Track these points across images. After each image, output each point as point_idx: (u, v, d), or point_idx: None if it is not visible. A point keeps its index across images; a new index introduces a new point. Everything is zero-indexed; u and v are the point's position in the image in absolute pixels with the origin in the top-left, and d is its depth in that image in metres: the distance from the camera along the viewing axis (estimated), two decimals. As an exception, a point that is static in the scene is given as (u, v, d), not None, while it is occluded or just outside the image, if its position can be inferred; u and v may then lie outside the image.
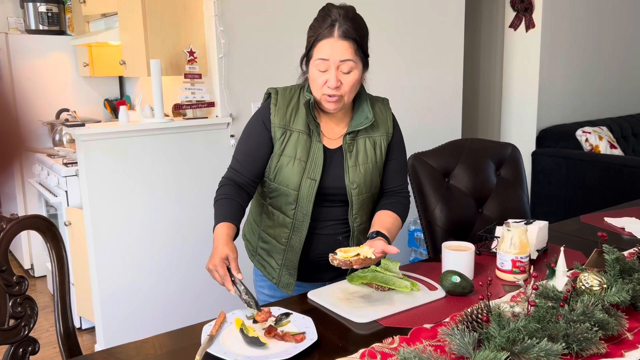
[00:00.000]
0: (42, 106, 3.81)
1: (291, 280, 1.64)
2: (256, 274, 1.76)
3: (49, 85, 3.88)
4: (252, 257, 1.74)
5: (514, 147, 2.28)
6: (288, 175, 1.55)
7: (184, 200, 2.74)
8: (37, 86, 3.83)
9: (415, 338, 1.23)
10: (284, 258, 1.63)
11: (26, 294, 1.34)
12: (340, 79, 1.47)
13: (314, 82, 1.51)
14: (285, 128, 1.55)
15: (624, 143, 4.42)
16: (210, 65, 2.80)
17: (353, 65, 1.48)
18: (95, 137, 2.50)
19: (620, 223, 2.08)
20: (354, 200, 1.58)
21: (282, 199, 1.59)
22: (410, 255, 3.64)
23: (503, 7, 4.34)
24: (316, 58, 1.47)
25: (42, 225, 1.38)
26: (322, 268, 1.64)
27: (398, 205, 1.65)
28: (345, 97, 1.51)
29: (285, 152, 1.55)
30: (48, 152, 3.50)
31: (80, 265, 2.96)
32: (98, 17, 3.43)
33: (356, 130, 1.58)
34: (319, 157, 1.55)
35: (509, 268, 1.56)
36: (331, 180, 1.57)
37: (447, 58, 3.65)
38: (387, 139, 1.64)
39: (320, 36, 1.46)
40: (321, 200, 1.58)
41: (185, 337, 1.31)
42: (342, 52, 1.45)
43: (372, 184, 1.62)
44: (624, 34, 4.83)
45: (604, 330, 1.17)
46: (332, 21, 1.46)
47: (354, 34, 1.46)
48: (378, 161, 1.62)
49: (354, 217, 1.61)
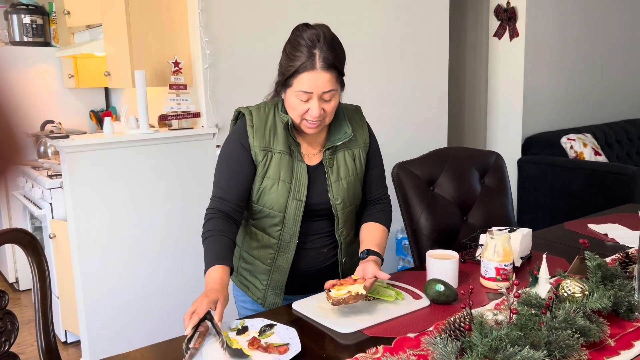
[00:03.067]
0: (27, 118, 3.79)
1: (277, 300, 1.62)
2: (236, 290, 1.73)
3: (34, 97, 3.86)
4: (234, 278, 1.69)
5: (498, 155, 2.30)
6: (273, 197, 1.52)
7: (170, 211, 2.73)
8: (22, 98, 3.81)
9: (399, 347, 1.23)
10: (269, 279, 1.61)
11: (6, 309, 1.32)
12: (322, 107, 1.45)
13: (294, 110, 1.47)
14: (267, 150, 1.52)
15: (608, 150, 4.47)
16: (196, 76, 2.80)
17: (334, 93, 1.46)
18: (80, 149, 2.49)
19: (604, 229, 2.09)
20: (339, 214, 1.58)
21: (266, 221, 1.57)
22: (398, 263, 3.65)
23: (487, 16, 4.38)
24: (298, 89, 1.43)
25: (23, 239, 1.37)
26: (308, 282, 1.62)
27: (382, 214, 1.66)
28: (326, 120, 1.50)
29: (267, 174, 1.52)
30: (33, 164, 3.47)
31: (65, 278, 2.94)
32: (83, 28, 3.43)
33: (335, 145, 1.57)
34: (302, 176, 1.53)
35: (493, 276, 1.57)
36: (316, 197, 1.56)
37: (432, 67, 3.68)
38: (365, 149, 1.63)
39: (302, 68, 1.41)
40: (307, 217, 1.56)
41: (169, 350, 1.30)
42: (324, 83, 1.42)
43: (355, 196, 1.62)
44: (608, 42, 4.90)
45: (586, 337, 1.18)
46: (309, 49, 1.41)
47: (334, 63, 1.43)
48: (359, 172, 1.61)
49: (340, 230, 1.60)
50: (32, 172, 3.31)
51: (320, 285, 1.51)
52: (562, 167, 3.93)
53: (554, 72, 4.51)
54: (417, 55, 3.59)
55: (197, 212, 2.82)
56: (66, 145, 2.46)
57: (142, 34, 2.67)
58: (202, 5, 2.69)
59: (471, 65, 4.58)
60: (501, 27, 4.27)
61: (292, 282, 1.63)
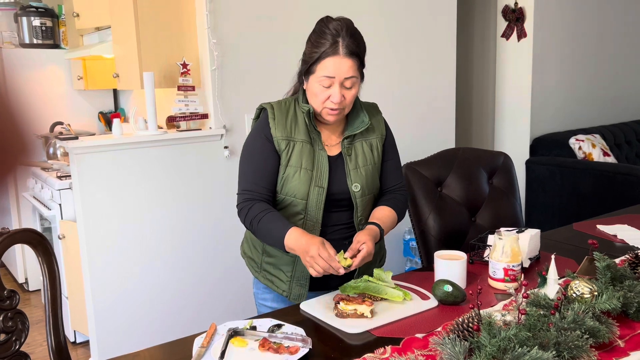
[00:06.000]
0: (36, 119, 3.81)
1: (303, 292, 1.64)
2: (257, 287, 1.75)
3: (43, 99, 3.89)
4: (257, 274, 1.72)
5: (506, 156, 2.29)
6: (295, 185, 1.57)
7: (178, 212, 2.74)
8: (32, 99, 3.84)
9: (407, 348, 1.23)
10: (293, 270, 1.63)
11: (17, 309, 1.33)
12: (343, 94, 1.52)
13: (316, 97, 1.54)
14: (289, 139, 1.58)
15: (617, 150, 4.44)
16: (204, 77, 2.81)
17: (355, 81, 1.54)
18: (89, 150, 2.50)
19: (613, 230, 2.08)
20: (358, 202, 1.62)
21: (288, 210, 1.60)
22: (406, 264, 3.64)
23: (495, 17, 4.37)
24: (321, 75, 1.51)
25: (33, 239, 1.38)
26: (330, 275, 1.63)
27: (394, 200, 1.70)
28: (345, 110, 1.57)
29: (290, 162, 1.57)
30: (42, 166, 3.49)
31: (74, 279, 2.95)
32: (92, 30, 3.45)
33: (353, 135, 1.63)
34: (324, 164, 1.59)
35: (501, 276, 1.57)
36: (336, 186, 1.60)
37: (440, 68, 3.67)
38: (382, 140, 1.69)
39: (325, 54, 1.49)
40: (328, 207, 1.60)
41: (177, 349, 1.31)
42: (347, 69, 1.50)
43: (374, 185, 1.66)
44: (617, 42, 4.87)
45: (595, 338, 1.17)
46: (333, 37, 1.49)
47: (357, 51, 1.51)
48: (376, 162, 1.66)
49: (359, 219, 1.64)
50: (42, 173, 3.34)
51: (339, 282, 1.56)
52: (570, 168, 3.91)
53: (562, 73, 4.49)
54: (425, 56, 3.59)
55: (204, 212, 2.84)
56: (75, 146, 2.47)
57: (151, 36, 2.68)
58: (210, 7, 2.70)
59: (479, 66, 4.56)
60: (509, 28, 4.26)
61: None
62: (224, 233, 2.83)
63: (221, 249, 2.84)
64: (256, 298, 1.77)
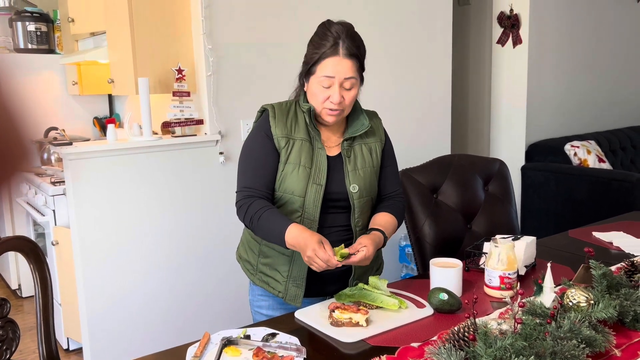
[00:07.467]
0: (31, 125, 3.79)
1: (299, 292, 1.62)
2: (253, 294, 1.74)
3: (38, 104, 3.87)
4: (253, 276, 1.71)
5: (502, 163, 2.29)
6: (293, 182, 1.57)
7: (173, 218, 2.73)
8: (26, 105, 3.81)
9: (403, 357, 1.22)
10: (290, 269, 1.62)
11: (8, 317, 1.32)
12: (342, 94, 1.54)
13: (315, 97, 1.56)
14: (288, 137, 1.59)
15: (612, 157, 4.45)
16: (199, 83, 2.80)
17: (354, 82, 1.56)
18: (83, 155, 2.49)
19: (608, 237, 2.08)
20: (356, 203, 1.61)
21: (286, 208, 1.60)
22: (402, 271, 3.63)
23: (490, 23, 4.38)
24: (321, 75, 1.53)
25: (25, 247, 1.36)
26: (327, 279, 1.63)
27: (393, 207, 1.70)
28: (345, 111, 1.59)
29: (289, 159, 1.58)
30: (36, 171, 3.47)
31: (67, 285, 2.93)
32: (87, 35, 3.43)
33: (352, 137, 1.65)
34: (322, 162, 1.59)
35: (497, 284, 1.56)
36: (334, 186, 1.60)
37: (435, 74, 3.68)
38: (381, 145, 1.70)
39: (325, 54, 1.52)
40: (326, 207, 1.60)
41: (170, 358, 1.29)
42: (346, 70, 1.53)
43: (372, 188, 1.66)
44: (612, 49, 4.89)
45: (591, 347, 1.16)
46: (334, 39, 1.52)
47: (356, 52, 1.54)
48: (375, 165, 1.67)
49: (356, 220, 1.63)
50: (35, 178, 3.32)
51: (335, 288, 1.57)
52: (566, 174, 3.91)
53: (557, 79, 4.50)
54: (420, 62, 3.59)
55: (200, 218, 2.83)
56: (69, 152, 2.46)
57: (146, 41, 2.67)
58: (206, 13, 2.70)
59: (474, 72, 4.57)
60: (504, 34, 4.27)
61: (312, 280, 1.62)
62: (218, 239, 2.82)
63: (216, 256, 2.83)
64: (251, 305, 1.76)
